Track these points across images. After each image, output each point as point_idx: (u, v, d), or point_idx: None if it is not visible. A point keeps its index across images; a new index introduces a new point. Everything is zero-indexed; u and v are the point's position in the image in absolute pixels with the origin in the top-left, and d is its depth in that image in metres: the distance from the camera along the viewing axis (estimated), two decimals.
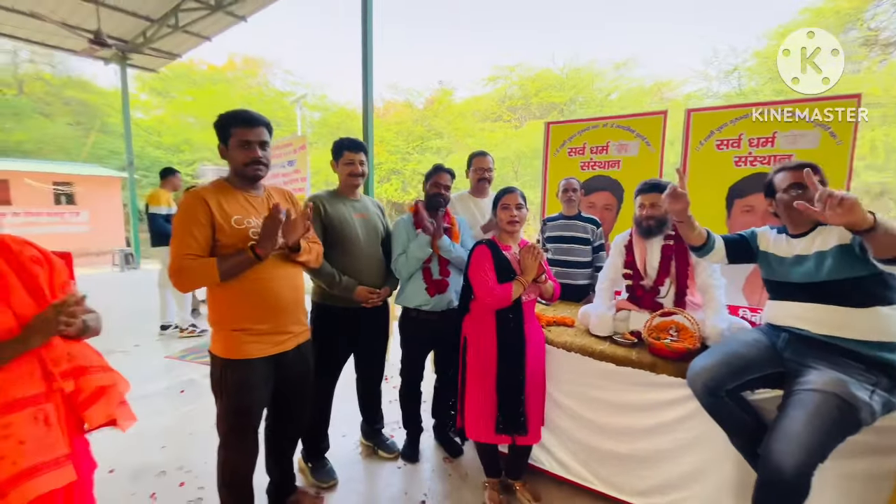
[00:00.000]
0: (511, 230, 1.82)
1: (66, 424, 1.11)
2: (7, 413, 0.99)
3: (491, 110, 18.04)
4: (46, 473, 1.01)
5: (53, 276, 1.16)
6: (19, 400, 1.02)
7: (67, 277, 1.20)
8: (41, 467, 1.01)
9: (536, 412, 1.83)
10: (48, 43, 8.29)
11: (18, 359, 1.03)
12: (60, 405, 1.10)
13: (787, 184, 1.50)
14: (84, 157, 15.68)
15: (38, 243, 1.19)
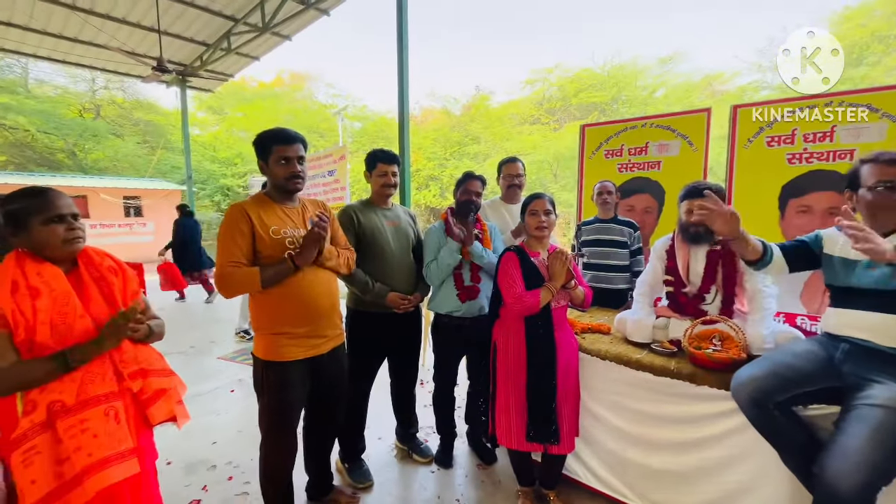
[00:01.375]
0: (539, 236, 1.80)
1: (134, 421, 1.22)
2: (84, 409, 1.10)
3: (528, 113, 17.88)
4: (115, 465, 1.11)
5: (126, 285, 1.29)
6: (94, 397, 1.13)
7: (138, 286, 1.32)
8: (111, 459, 1.11)
9: (569, 421, 1.79)
10: (119, 70, 9.16)
11: (94, 360, 1.14)
12: (129, 403, 1.21)
13: (876, 180, 1.32)
14: (150, 172, 17.10)
15: (113, 253, 1.33)
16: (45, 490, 1.03)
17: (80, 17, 6.59)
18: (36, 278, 1.11)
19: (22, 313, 1.07)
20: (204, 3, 6.58)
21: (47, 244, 1.15)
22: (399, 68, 4.70)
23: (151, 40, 7.27)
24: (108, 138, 17.67)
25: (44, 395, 1.07)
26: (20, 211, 1.14)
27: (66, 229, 1.17)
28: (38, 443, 1.04)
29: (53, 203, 1.16)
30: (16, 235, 1.15)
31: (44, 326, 1.08)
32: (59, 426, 1.06)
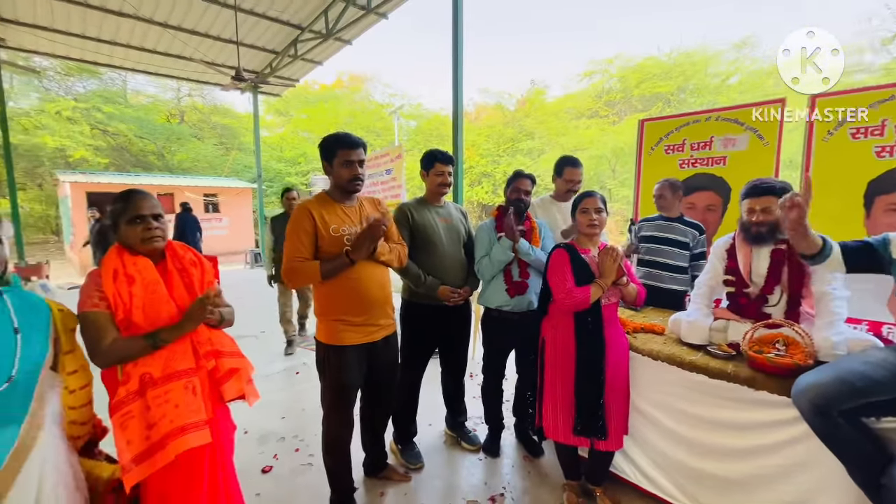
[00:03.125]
0: (590, 233, 1.81)
1: (209, 396, 1.37)
2: (168, 382, 1.26)
3: (586, 107, 17.25)
4: (192, 433, 1.26)
5: (203, 276, 1.45)
6: (176, 372, 1.28)
7: (213, 277, 1.50)
8: (188, 427, 1.25)
9: (618, 418, 1.80)
10: (202, 80, 10.10)
11: (177, 340, 1.30)
12: (204, 379, 1.36)
13: None
14: (226, 171, 18.66)
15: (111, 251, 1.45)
16: (138, 450, 1.19)
17: (170, 33, 7.36)
18: (132, 268, 1.29)
19: (121, 297, 1.25)
20: (275, 14, 7.08)
21: (130, 241, 1.33)
22: (454, 67, 4.79)
23: (229, 51, 7.95)
24: (191, 141, 19.50)
25: (137, 368, 1.24)
26: (114, 213, 1.34)
27: (143, 229, 1.32)
28: (132, 409, 1.21)
29: (135, 205, 1.32)
30: (115, 232, 1.35)
31: (138, 310, 1.26)
32: (149, 395, 1.23)
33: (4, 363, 1.03)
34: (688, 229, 2.54)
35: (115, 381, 1.25)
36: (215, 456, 1.38)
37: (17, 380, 1.04)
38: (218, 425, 1.39)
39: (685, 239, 2.52)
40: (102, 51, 7.97)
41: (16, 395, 1.04)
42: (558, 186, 2.60)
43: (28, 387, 1.07)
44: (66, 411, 1.20)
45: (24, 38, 7.46)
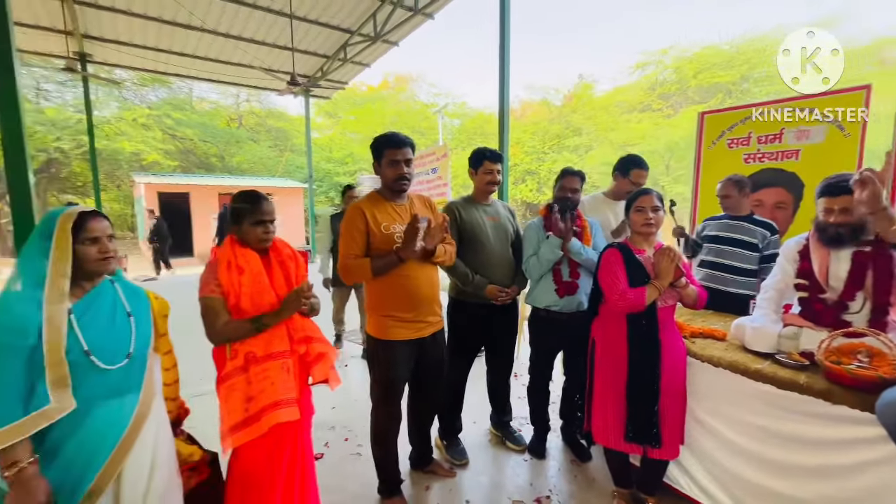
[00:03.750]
0: (646, 233, 1.74)
1: (298, 378, 1.51)
2: (268, 360, 1.41)
3: (638, 100, 16.52)
4: (283, 408, 1.40)
5: (298, 269, 1.59)
6: (275, 353, 1.43)
7: (304, 270, 1.64)
8: (281, 403, 1.40)
9: (673, 426, 1.72)
10: (259, 86, 10.70)
11: (276, 325, 1.44)
12: (296, 362, 1.51)
13: None
14: (279, 172, 19.66)
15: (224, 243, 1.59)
16: (238, 419, 1.35)
17: (232, 43, 7.86)
18: (241, 260, 1.44)
19: (232, 285, 1.41)
20: (326, 20, 7.36)
21: (248, 239, 1.48)
22: (500, 64, 4.75)
23: (284, 57, 8.36)
24: (248, 143, 20.72)
25: (243, 347, 1.39)
26: (240, 210, 1.48)
27: (263, 231, 1.48)
28: (236, 381, 1.37)
29: (260, 210, 1.47)
30: (235, 225, 1.49)
31: (245, 297, 1.42)
32: (251, 371, 1.38)
33: (124, 342, 1.18)
34: (757, 229, 2.34)
35: (223, 358, 1.42)
36: (297, 436, 1.53)
37: (134, 356, 1.19)
38: (303, 407, 1.53)
39: (753, 240, 2.34)
40: (173, 62, 8.66)
41: (134, 369, 1.20)
42: (619, 186, 2.47)
43: (142, 362, 1.23)
44: (164, 387, 1.36)
45: (109, 53, 8.25)
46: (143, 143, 16.26)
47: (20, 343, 1.01)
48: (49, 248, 1.09)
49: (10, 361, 1.01)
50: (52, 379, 1.03)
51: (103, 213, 1.22)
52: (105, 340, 1.14)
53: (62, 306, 1.07)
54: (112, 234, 1.21)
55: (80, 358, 1.08)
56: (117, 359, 1.15)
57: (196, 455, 1.47)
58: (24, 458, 0.99)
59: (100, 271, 1.19)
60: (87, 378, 1.09)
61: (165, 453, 1.26)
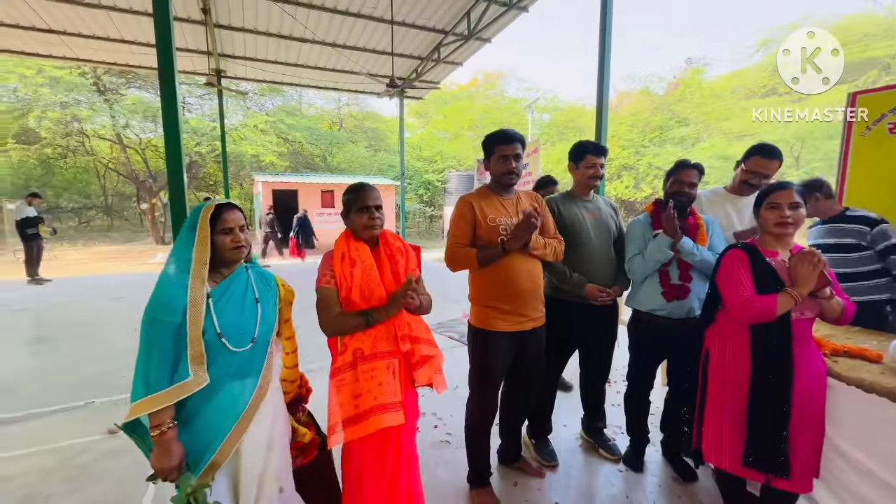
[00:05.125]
0: (780, 233, 1.52)
1: (402, 380, 1.46)
2: (375, 360, 1.40)
3: (760, 84, 14.51)
4: (389, 412, 1.37)
5: (408, 263, 1.56)
6: (381, 353, 1.42)
7: (416, 265, 1.61)
8: (387, 406, 1.37)
9: (806, 456, 1.49)
10: (359, 90, 11.46)
11: (384, 322, 1.42)
12: (402, 362, 1.47)
13: None
14: (374, 171, 20.92)
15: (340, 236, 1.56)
16: (346, 415, 1.35)
17: (337, 51, 8.52)
18: (354, 252, 1.46)
19: (345, 277, 1.42)
20: (422, 22, 7.60)
21: (356, 227, 1.49)
22: (600, 55, 4.49)
23: (383, 61, 8.85)
24: (347, 145, 22.37)
25: (352, 342, 1.41)
26: (347, 202, 1.51)
27: (368, 217, 1.47)
28: (346, 377, 1.38)
29: (363, 196, 1.48)
30: (346, 218, 1.53)
31: (356, 289, 1.42)
32: (359, 368, 1.39)
33: (250, 327, 1.25)
34: (851, 227, 2.10)
35: (335, 351, 1.45)
36: (400, 439, 1.47)
37: (258, 341, 1.26)
38: (407, 410, 1.47)
39: (852, 239, 2.09)
40: (287, 72, 9.66)
41: (257, 353, 1.27)
42: (740, 176, 2.21)
43: (264, 346, 1.29)
44: (283, 369, 1.45)
45: (238, 68, 9.48)
46: (262, 146, 18.40)
47: (170, 320, 1.13)
48: (194, 237, 1.19)
49: (162, 336, 1.13)
50: (192, 355, 1.13)
51: (237, 205, 1.29)
52: (235, 324, 1.22)
53: (202, 290, 1.17)
54: (244, 225, 1.27)
55: (214, 339, 1.18)
56: (244, 342, 1.23)
57: (307, 437, 1.50)
58: (167, 423, 1.11)
59: (233, 259, 1.26)
60: (218, 358, 1.19)
61: (280, 436, 1.31)
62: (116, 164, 18.10)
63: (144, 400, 1.10)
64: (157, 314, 1.14)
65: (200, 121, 18.18)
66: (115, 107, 15.46)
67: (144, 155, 17.12)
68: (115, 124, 15.66)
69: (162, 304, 1.15)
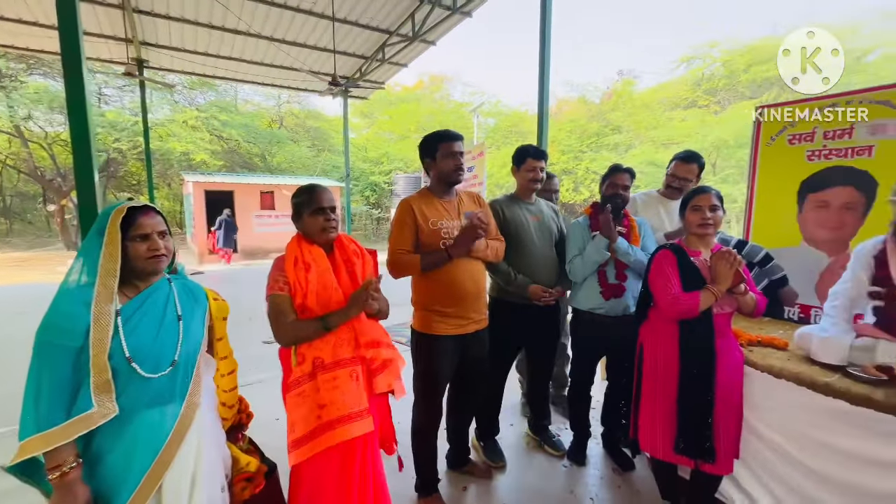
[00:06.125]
0: (702, 234, 1.65)
1: (367, 386, 1.41)
2: (336, 368, 1.34)
3: (682, 96, 15.81)
4: (356, 421, 1.32)
5: (365, 267, 1.52)
6: (342, 360, 1.36)
7: (373, 269, 1.56)
8: (353, 416, 1.32)
9: (728, 440, 1.62)
10: (300, 87, 11.02)
11: (342, 327, 1.37)
12: (364, 369, 1.42)
13: None
14: (317, 172, 20.20)
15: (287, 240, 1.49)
16: (309, 428, 1.29)
17: (275, 46, 8.13)
18: (308, 256, 1.39)
19: (299, 283, 1.35)
20: (366, 21, 7.46)
21: (311, 230, 1.42)
22: (540, 62, 4.65)
23: (325, 58, 8.57)
24: (288, 144, 21.41)
25: (310, 351, 1.33)
26: (299, 204, 1.43)
27: (324, 220, 1.40)
28: (305, 389, 1.31)
29: (317, 198, 1.41)
30: (297, 222, 1.45)
31: (312, 295, 1.35)
32: (319, 378, 1.32)
33: (169, 349, 1.10)
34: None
35: (289, 362, 1.36)
36: (367, 447, 1.42)
37: (179, 363, 1.11)
38: (375, 415, 1.43)
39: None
40: (220, 65, 9.06)
41: (178, 377, 1.11)
42: (667, 181, 2.42)
43: (187, 369, 1.14)
44: (219, 393, 1.31)
45: (163, 59, 8.73)
46: (192, 143, 17.10)
47: (69, 343, 0.97)
48: (101, 244, 1.03)
49: (56, 362, 0.97)
50: (95, 382, 0.97)
51: (156, 207, 1.14)
52: (149, 346, 1.06)
53: (109, 307, 1.00)
54: (165, 231, 1.12)
55: (122, 364, 1.02)
56: (161, 366, 1.07)
57: (253, 465, 1.37)
58: (69, 462, 0.96)
59: (150, 270, 1.10)
60: (130, 385, 1.03)
61: (209, 468, 1.15)
62: (16, 161, 16.00)
63: (36, 437, 0.93)
64: (52, 337, 0.97)
65: (120, 114, 16.55)
66: (13, 95, 13.66)
67: (52, 150, 15.28)
68: (14, 115, 13.83)
69: (57, 326, 0.98)
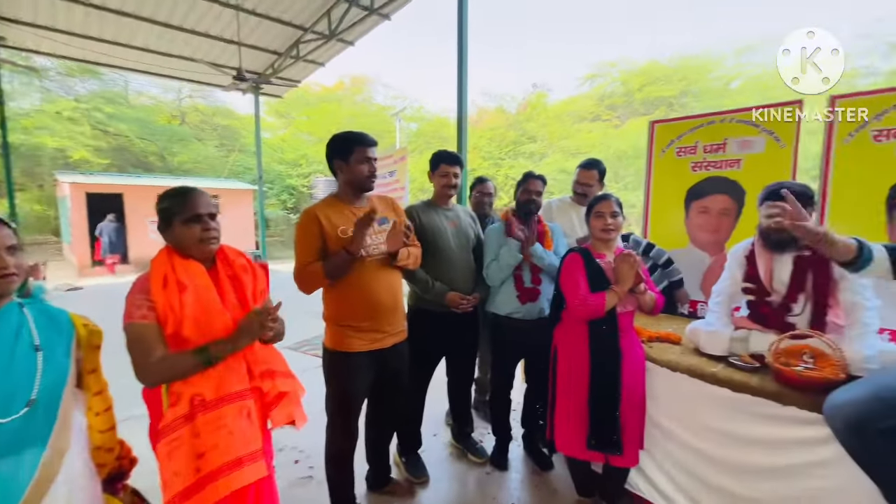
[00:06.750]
0: (605, 238, 1.74)
1: (260, 421, 1.22)
2: (221, 405, 1.12)
3: (588, 110, 17.24)
4: (247, 466, 1.12)
5: (256, 284, 1.30)
6: (230, 394, 1.14)
7: (266, 286, 1.35)
8: (244, 460, 1.12)
9: (633, 432, 1.71)
10: (203, 81, 10.04)
11: (230, 357, 1.16)
12: (257, 402, 1.22)
13: None
14: (226, 173, 18.59)
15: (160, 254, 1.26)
16: (187, 483, 1.06)
17: (171, 33, 7.31)
18: (183, 273, 1.15)
19: (171, 307, 1.11)
20: (277, 15, 7.02)
21: (186, 242, 1.18)
22: (458, 69, 4.72)
23: (231, 51, 7.90)
24: (192, 142, 19.46)
25: (187, 388, 1.10)
26: (166, 210, 1.19)
27: (201, 229, 1.19)
28: (181, 434, 1.08)
29: (192, 203, 1.19)
30: (165, 232, 1.20)
31: (189, 320, 1.12)
32: (199, 420, 1.09)
33: (24, 385, 0.92)
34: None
35: (159, 405, 1.12)
36: (262, 493, 1.23)
37: (38, 402, 0.92)
38: (267, 456, 1.25)
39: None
40: (103, 51, 7.91)
41: (37, 418, 0.93)
42: (573, 189, 2.60)
43: (50, 407, 0.95)
44: (94, 434, 1.07)
45: (26, 38, 7.40)
46: (70, 138, 14.80)
47: None
48: None
49: None
50: None
51: (2, 217, 0.95)
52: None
53: None
54: (14, 245, 0.94)
55: None
56: (14, 406, 0.90)
57: None
58: None
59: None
60: None
61: None
62: None
63: None
64: None
65: None
66: None
67: None
68: None
69: None
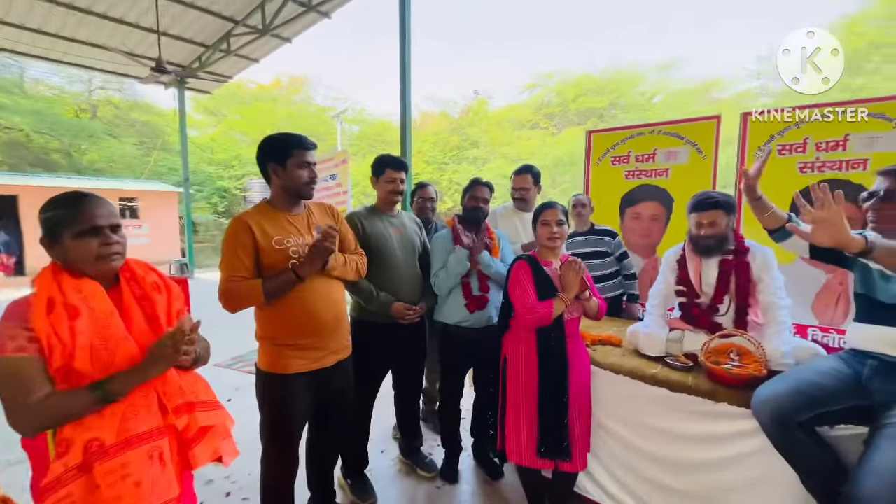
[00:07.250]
0: (551, 246, 1.75)
1: (177, 462, 1.06)
2: (125, 450, 0.94)
3: (527, 118, 17.92)
4: None
5: (171, 304, 1.14)
6: (137, 436, 0.97)
7: (183, 304, 1.18)
8: None
9: (582, 437, 1.73)
10: (117, 71, 9.08)
11: (137, 391, 0.99)
12: (173, 442, 1.05)
13: None
14: (146, 174, 16.97)
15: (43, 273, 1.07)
16: None
17: (77, 16, 6.52)
18: (74, 295, 0.97)
19: (58, 336, 0.93)
20: (203, 5, 6.52)
21: (79, 259, 1.00)
22: (401, 72, 4.65)
23: (150, 41, 7.21)
24: (104, 139, 17.54)
25: (79, 433, 0.91)
26: (53, 221, 1.00)
27: (100, 244, 1.01)
28: (72, 490, 0.89)
29: (88, 213, 1.00)
30: (51, 248, 1.01)
31: (83, 351, 0.94)
32: (97, 471, 0.91)
33: None
34: (603, 238, 2.72)
35: (44, 456, 0.93)
36: None
37: None
38: (184, 500, 1.09)
39: (603, 248, 2.70)
40: None
41: None
42: (511, 195, 2.64)
43: None
44: None
45: None
46: None
47: None
48: None
49: None
50: None
51: None
52: None
53: None
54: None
55: None
56: None
57: None
58: None
59: None
60: None
61: None
62: None
63: None
64: None
65: None
66: None
67: None
68: None
69: None
